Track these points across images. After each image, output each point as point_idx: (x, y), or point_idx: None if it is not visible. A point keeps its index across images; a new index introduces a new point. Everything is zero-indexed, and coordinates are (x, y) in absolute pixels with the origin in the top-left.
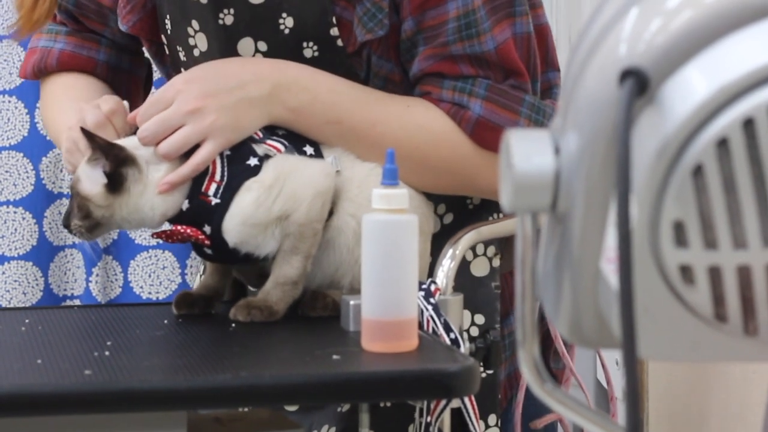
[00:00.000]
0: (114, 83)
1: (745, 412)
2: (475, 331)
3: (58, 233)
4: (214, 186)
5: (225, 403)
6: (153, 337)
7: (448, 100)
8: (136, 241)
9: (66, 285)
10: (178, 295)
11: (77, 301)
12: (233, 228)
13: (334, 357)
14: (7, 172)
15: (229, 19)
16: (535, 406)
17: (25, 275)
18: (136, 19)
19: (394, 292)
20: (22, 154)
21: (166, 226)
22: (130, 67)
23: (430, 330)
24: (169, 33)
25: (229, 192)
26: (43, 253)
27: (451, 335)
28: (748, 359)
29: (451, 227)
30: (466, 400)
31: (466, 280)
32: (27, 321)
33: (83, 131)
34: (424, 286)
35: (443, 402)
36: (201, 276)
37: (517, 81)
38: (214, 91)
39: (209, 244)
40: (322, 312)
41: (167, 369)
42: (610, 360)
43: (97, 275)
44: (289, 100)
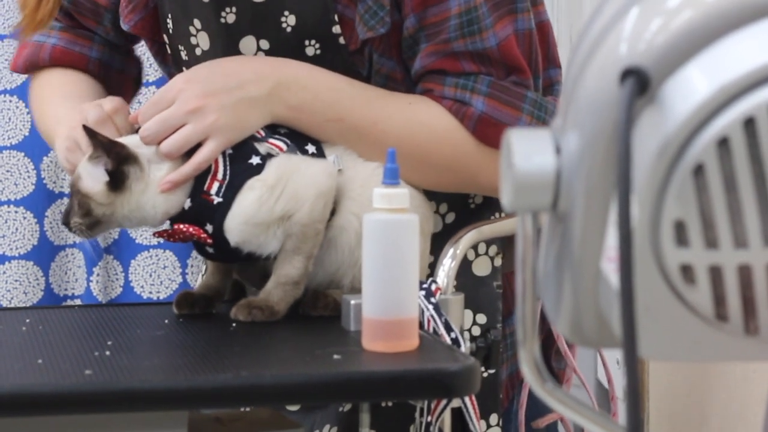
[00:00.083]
0: (105, 81)
1: (745, 412)
2: (476, 330)
3: (58, 233)
4: (216, 185)
5: (226, 402)
6: (154, 336)
7: (450, 97)
8: (136, 241)
9: (67, 285)
10: (178, 294)
11: (78, 301)
12: (235, 227)
13: (335, 356)
14: (8, 171)
15: (231, 18)
16: (536, 405)
17: (26, 275)
18: (138, 19)
19: (395, 291)
20: (23, 154)
21: (167, 225)
22: (122, 66)
23: (431, 329)
24: (171, 32)
25: (231, 191)
26: (44, 253)
27: (452, 335)
28: (748, 359)
29: (453, 226)
30: (467, 399)
31: (467, 280)
32: (28, 321)
33: (85, 128)
34: (425, 286)
35: (444, 402)
36: (203, 275)
37: (519, 78)
38: (215, 90)
39: (211, 243)
40: (322, 311)
41: (168, 369)
42: (611, 359)
43: (97, 275)
44: (290, 98)
